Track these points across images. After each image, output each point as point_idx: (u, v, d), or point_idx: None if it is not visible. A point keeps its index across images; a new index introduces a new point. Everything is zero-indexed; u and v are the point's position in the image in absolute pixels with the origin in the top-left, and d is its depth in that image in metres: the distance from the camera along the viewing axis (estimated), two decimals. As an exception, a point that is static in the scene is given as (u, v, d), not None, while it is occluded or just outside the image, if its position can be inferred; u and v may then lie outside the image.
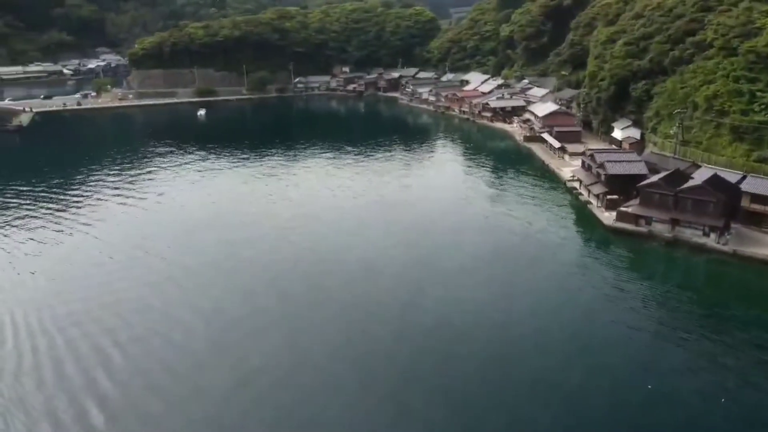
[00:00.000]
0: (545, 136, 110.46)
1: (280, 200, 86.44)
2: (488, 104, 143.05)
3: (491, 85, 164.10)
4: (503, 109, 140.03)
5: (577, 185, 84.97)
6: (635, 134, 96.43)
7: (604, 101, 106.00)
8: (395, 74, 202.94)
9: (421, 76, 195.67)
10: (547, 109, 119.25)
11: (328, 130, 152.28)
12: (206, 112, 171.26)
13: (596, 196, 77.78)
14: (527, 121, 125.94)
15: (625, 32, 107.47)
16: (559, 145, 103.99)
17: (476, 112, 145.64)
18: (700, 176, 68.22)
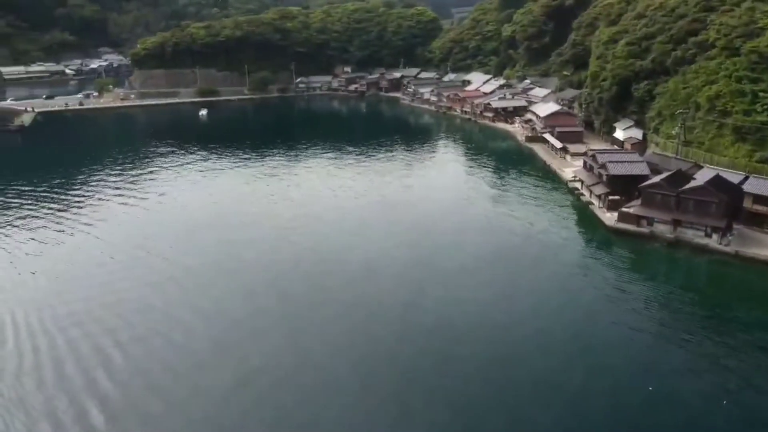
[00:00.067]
0: (547, 136, 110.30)
1: (281, 200, 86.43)
2: (490, 104, 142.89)
3: (493, 85, 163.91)
4: (505, 109, 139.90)
5: (578, 186, 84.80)
6: (637, 135, 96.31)
7: (606, 101, 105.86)
8: (397, 74, 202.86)
9: (422, 76, 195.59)
10: (548, 109, 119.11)
11: (329, 130, 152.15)
12: (208, 112, 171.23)
13: (598, 196, 77.63)
14: (529, 121, 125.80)
15: (627, 32, 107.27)
16: (560, 145, 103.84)
17: (478, 112, 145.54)
18: (702, 177, 68.06)
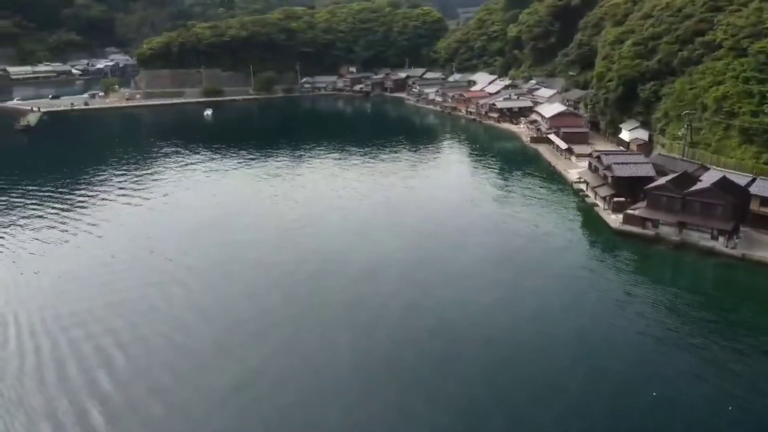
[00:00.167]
0: (552, 137, 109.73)
1: (285, 201, 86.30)
2: (495, 105, 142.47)
3: (498, 85, 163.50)
4: (510, 109, 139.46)
5: (583, 187, 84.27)
6: (643, 136, 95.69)
7: (611, 102, 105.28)
8: (402, 74, 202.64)
9: (428, 76, 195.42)
10: (554, 109, 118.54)
11: (334, 130, 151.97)
12: (213, 112, 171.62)
13: (603, 198, 77.07)
14: (534, 121, 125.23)
15: (633, 32, 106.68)
16: (566, 146, 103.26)
17: (483, 112, 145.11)
18: (708, 179, 67.38)
